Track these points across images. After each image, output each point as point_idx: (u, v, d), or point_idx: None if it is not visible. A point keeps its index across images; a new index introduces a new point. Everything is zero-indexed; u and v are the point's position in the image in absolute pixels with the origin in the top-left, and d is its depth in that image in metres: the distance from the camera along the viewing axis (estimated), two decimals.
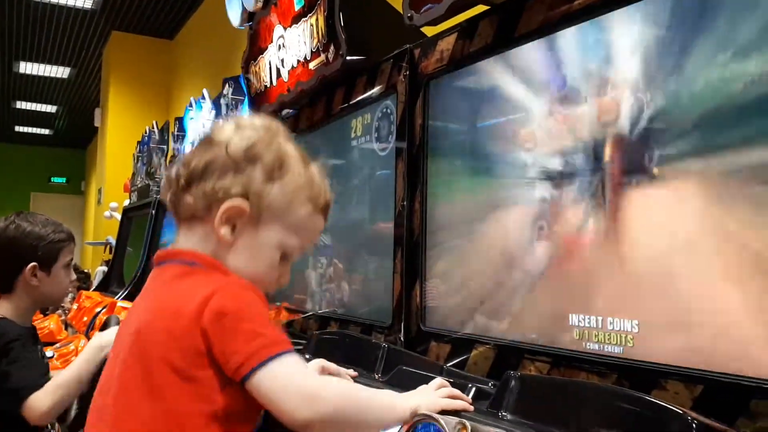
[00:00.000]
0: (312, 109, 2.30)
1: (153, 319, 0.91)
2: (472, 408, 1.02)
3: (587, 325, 1.18)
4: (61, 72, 10.40)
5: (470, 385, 1.15)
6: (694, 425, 0.82)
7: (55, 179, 14.99)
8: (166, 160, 4.98)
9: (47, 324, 3.75)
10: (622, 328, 1.12)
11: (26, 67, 10.23)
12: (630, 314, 1.11)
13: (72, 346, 3.20)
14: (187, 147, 4.39)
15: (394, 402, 0.97)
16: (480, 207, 1.48)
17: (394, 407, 0.96)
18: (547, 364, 1.25)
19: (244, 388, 0.87)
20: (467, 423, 0.90)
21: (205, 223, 0.95)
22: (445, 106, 1.64)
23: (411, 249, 1.67)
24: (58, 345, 3.03)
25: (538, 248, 1.30)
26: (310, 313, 2.18)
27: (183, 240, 0.98)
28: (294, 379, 0.87)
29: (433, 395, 1.02)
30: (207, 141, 0.98)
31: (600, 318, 1.16)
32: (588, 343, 1.17)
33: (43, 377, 1.64)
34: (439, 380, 1.07)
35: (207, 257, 0.94)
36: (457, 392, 1.05)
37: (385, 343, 1.48)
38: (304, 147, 1.02)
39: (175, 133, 4.77)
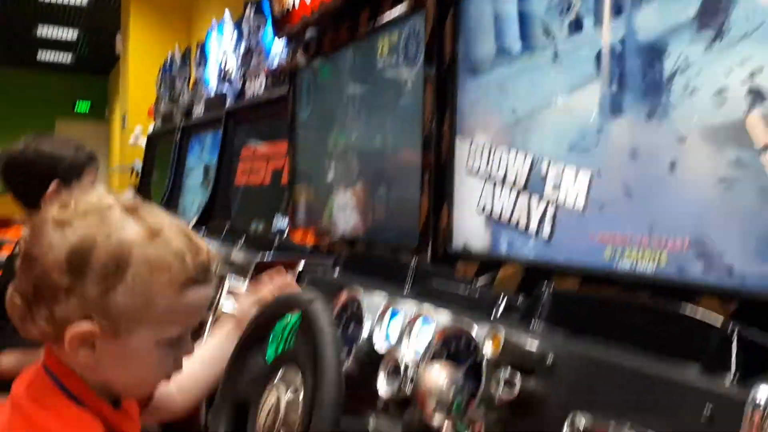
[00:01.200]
0: (336, 30, 2.25)
1: None
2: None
3: (617, 244, 1.17)
4: None
5: (502, 294, 1.15)
6: (734, 334, 0.81)
7: (80, 106, 15.03)
8: (188, 86, 4.95)
9: None
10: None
11: None
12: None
13: None
14: (210, 71, 4.36)
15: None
16: (510, 126, 1.46)
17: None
18: (576, 283, 1.25)
19: None
20: (499, 333, 0.90)
21: (64, 346, 0.79)
22: (476, 25, 1.59)
23: (438, 171, 1.66)
24: None
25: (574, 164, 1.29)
26: (337, 236, 2.20)
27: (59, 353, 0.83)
28: None
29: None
30: (28, 253, 0.79)
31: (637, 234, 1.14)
32: (620, 262, 1.16)
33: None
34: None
35: (72, 383, 0.81)
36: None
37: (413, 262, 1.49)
38: (330, 69, 0.97)
39: (197, 58, 4.72)
